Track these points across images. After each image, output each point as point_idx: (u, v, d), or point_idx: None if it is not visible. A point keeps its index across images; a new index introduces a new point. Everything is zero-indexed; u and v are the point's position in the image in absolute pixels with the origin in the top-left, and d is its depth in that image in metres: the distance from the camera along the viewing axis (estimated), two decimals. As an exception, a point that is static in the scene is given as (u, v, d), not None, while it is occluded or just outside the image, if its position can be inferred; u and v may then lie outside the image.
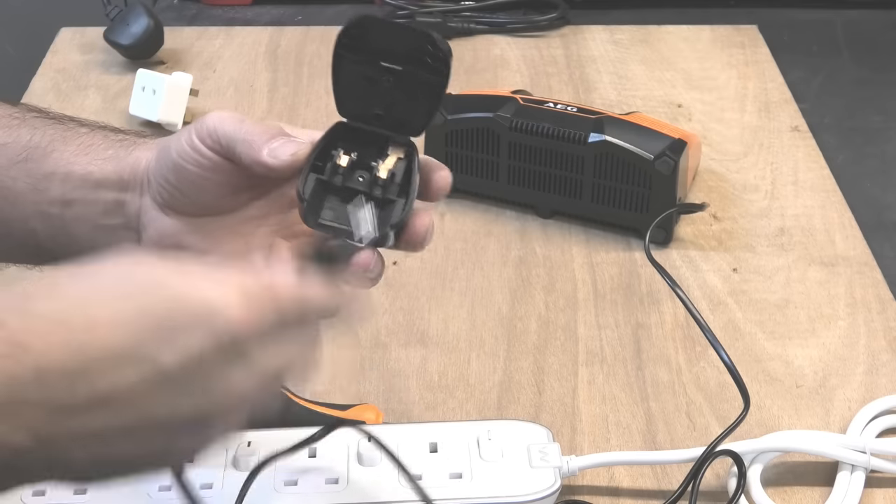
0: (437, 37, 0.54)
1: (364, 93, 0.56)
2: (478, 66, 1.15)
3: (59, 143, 0.62)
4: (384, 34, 0.55)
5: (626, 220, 0.90)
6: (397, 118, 0.56)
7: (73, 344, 0.42)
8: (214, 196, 0.59)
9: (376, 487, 0.64)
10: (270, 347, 0.46)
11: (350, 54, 0.56)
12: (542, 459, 0.66)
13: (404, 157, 0.56)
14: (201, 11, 1.27)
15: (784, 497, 0.68)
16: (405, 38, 0.54)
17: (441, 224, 0.93)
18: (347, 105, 0.57)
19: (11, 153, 0.61)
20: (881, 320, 0.83)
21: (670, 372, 0.78)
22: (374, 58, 0.55)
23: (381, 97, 0.56)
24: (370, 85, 0.56)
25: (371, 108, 0.57)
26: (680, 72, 1.14)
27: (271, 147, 0.56)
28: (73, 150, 0.61)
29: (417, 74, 0.54)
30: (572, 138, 0.88)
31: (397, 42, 0.54)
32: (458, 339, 0.81)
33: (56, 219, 0.61)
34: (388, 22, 0.55)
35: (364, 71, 0.56)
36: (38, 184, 0.61)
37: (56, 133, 0.63)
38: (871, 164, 1.02)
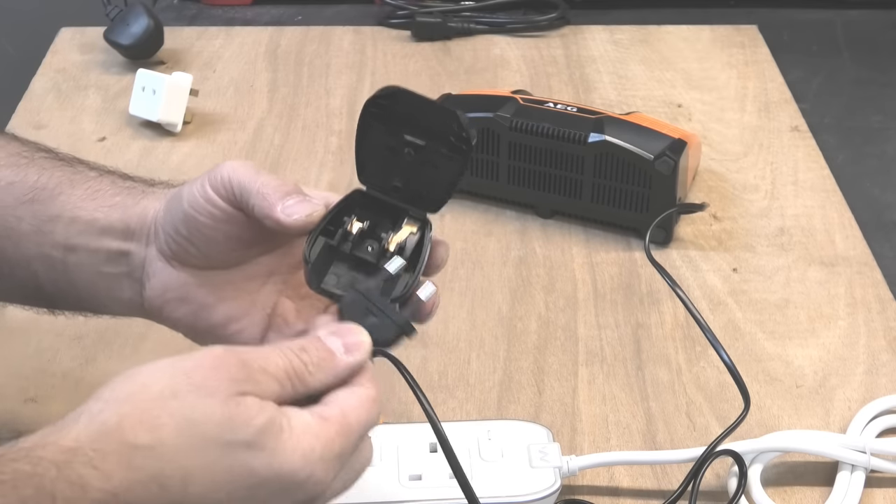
0: (464, 117, 0.54)
1: (385, 163, 0.56)
2: (478, 66, 1.15)
3: (66, 186, 0.61)
4: (412, 107, 0.55)
5: (626, 220, 0.90)
6: (416, 192, 0.56)
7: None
8: (223, 248, 0.58)
9: (376, 487, 0.64)
10: (343, 474, 0.51)
11: (377, 123, 0.56)
12: (542, 459, 0.66)
13: (417, 231, 0.56)
14: (201, 11, 1.27)
15: (784, 497, 0.68)
16: (432, 113, 0.54)
17: (441, 224, 0.93)
18: (368, 173, 0.57)
19: (18, 192, 0.61)
20: (881, 320, 0.83)
21: (670, 372, 0.78)
22: (400, 129, 0.55)
23: (401, 169, 0.56)
24: (392, 156, 0.56)
25: (391, 178, 0.57)
26: (680, 72, 1.14)
27: (286, 204, 0.55)
28: (80, 195, 0.61)
29: (440, 151, 0.55)
30: (572, 138, 0.88)
31: (424, 117, 0.55)
32: (458, 339, 0.81)
33: (58, 262, 0.60)
34: (418, 96, 0.55)
35: (388, 141, 0.56)
36: (43, 226, 0.60)
37: (64, 176, 0.62)
38: (871, 163, 1.02)
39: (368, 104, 0.56)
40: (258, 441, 0.47)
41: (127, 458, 0.44)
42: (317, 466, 0.48)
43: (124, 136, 1.03)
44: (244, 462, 0.46)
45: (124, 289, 0.60)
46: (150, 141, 1.02)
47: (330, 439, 0.49)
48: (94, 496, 0.43)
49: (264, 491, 0.47)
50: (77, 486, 0.43)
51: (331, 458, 0.49)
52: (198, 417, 0.46)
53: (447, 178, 0.56)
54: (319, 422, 0.49)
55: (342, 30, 1.22)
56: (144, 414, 0.45)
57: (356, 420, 0.51)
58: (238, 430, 0.46)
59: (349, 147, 1.04)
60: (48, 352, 0.79)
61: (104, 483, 0.43)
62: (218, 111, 1.07)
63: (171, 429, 0.45)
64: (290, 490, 0.48)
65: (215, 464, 0.46)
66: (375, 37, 1.21)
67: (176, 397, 0.46)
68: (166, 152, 1.00)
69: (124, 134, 1.03)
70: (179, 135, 1.03)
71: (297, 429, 0.48)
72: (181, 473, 0.45)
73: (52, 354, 0.78)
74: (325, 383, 0.51)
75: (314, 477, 0.48)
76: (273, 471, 0.47)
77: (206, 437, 0.46)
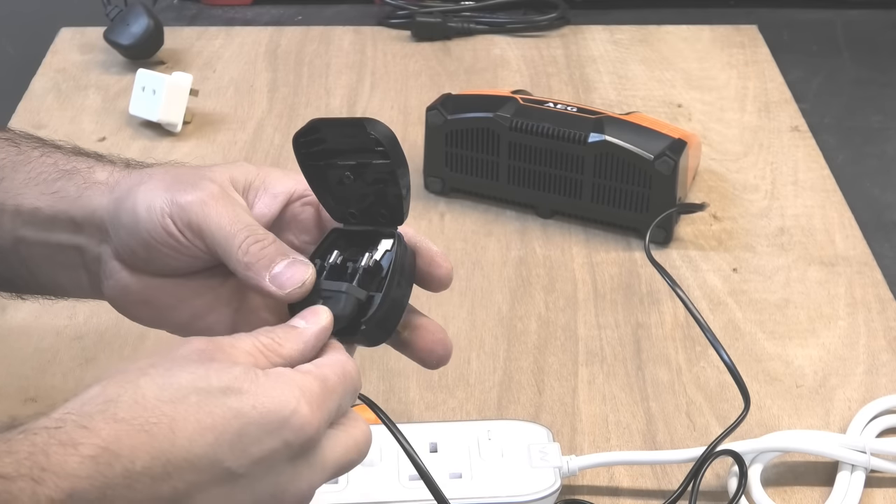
0: (372, 121, 0.52)
1: (340, 193, 0.56)
2: (478, 66, 1.15)
3: (8, 170, 0.59)
4: (333, 132, 0.54)
5: (626, 220, 0.90)
6: (374, 211, 0.55)
7: (156, 452, 0.45)
8: (185, 267, 0.57)
9: (376, 487, 0.64)
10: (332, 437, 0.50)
11: (311, 160, 0.55)
12: (542, 459, 0.66)
13: (392, 247, 0.55)
14: (201, 11, 1.27)
15: (784, 497, 0.68)
16: (349, 131, 0.53)
17: (441, 224, 0.93)
18: (331, 208, 0.57)
19: None
20: (881, 320, 0.83)
21: (670, 372, 0.78)
22: (332, 158, 0.54)
23: (352, 194, 0.55)
24: (340, 185, 0.55)
25: (349, 206, 0.56)
26: (680, 72, 1.14)
27: (273, 274, 0.54)
28: (21, 179, 0.59)
29: (371, 163, 0.54)
30: (572, 138, 0.88)
31: (344, 137, 0.54)
32: (458, 339, 0.81)
33: (10, 253, 0.59)
34: (333, 120, 0.54)
35: (328, 174, 0.55)
36: None
37: (7, 158, 0.60)
38: (870, 164, 1.02)
39: (296, 146, 0.55)
40: (236, 385, 0.47)
41: (111, 413, 0.45)
42: (300, 403, 0.48)
43: (124, 136, 1.03)
44: (226, 404, 0.46)
45: (83, 279, 0.60)
46: (150, 141, 1.02)
47: (309, 383, 0.49)
48: (84, 452, 0.44)
49: (253, 430, 0.47)
50: (68, 445, 0.44)
51: (313, 398, 0.48)
52: (174, 374, 0.47)
53: (390, 185, 0.54)
54: (295, 372, 0.50)
55: (342, 30, 1.22)
56: (123, 378, 0.47)
57: (332, 373, 0.51)
58: (214, 379, 0.47)
59: (349, 147, 1.04)
60: (48, 352, 0.79)
61: (93, 438, 0.44)
62: (218, 111, 1.07)
63: (151, 386, 0.46)
64: (278, 429, 0.47)
65: (198, 409, 0.46)
66: (375, 37, 1.21)
67: (152, 366, 0.48)
68: (166, 152, 1.00)
69: (124, 134, 1.03)
70: (179, 135, 1.03)
71: (272, 374, 0.49)
72: (166, 420, 0.45)
73: (52, 354, 0.78)
74: (296, 352, 0.51)
75: (299, 413, 0.47)
76: (257, 410, 0.47)
77: (185, 387, 0.46)
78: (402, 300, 0.56)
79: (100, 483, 0.43)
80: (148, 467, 0.44)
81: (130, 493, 0.44)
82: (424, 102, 0.97)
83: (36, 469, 0.43)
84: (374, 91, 1.11)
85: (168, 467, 0.45)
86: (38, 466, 0.43)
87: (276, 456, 0.47)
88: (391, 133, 0.53)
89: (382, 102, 1.09)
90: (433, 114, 0.93)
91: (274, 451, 0.47)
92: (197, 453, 0.45)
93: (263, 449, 0.47)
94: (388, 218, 0.56)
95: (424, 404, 0.75)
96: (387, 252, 0.55)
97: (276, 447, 0.47)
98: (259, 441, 0.47)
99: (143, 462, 0.44)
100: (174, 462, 0.45)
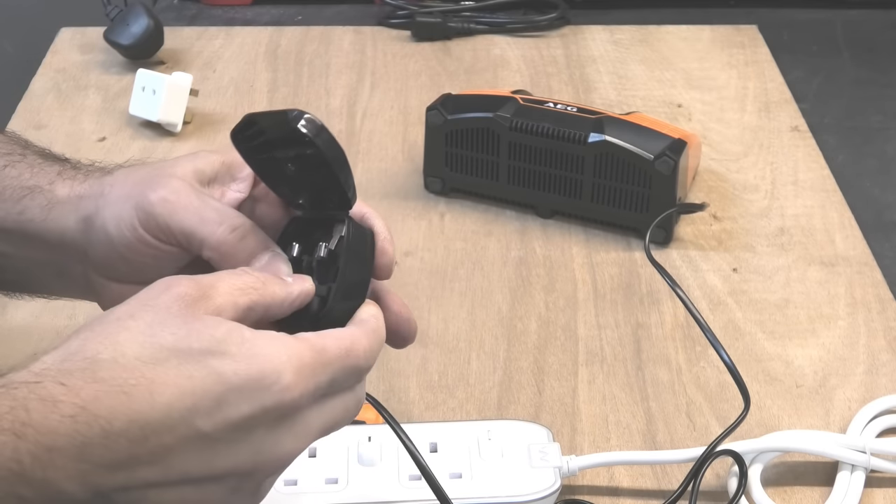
0: (293, 112, 0.51)
1: (288, 183, 0.56)
2: (478, 66, 1.15)
3: None
4: (267, 126, 0.53)
5: (626, 220, 0.90)
6: (324, 198, 0.55)
7: (134, 415, 0.45)
8: (172, 268, 0.56)
9: (376, 487, 0.64)
10: (317, 408, 0.49)
11: (252, 155, 0.55)
12: (542, 459, 0.66)
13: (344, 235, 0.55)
14: (201, 11, 1.27)
15: (784, 497, 0.68)
16: (278, 122, 0.52)
17: (441, 224, 0.93)
18: (285, 197, 0.57)
19: None
20: (881, 320, 0.83)
21: (670, 372, 0.78)
22: (270, 151, 0.54)
23: (299, 184, 0.55)
24: (286, 175, 0.55)
25: (298, 196, 0.56)
26: (680, 72, 1.14)
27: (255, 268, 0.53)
28: None
29: (304, 152, 0.53)
30: (572, 138, 0.88)
31: (276, 129, 0.53)
32: (458, 339, 0.81)
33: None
34: (265, 113, 0.53)
35: (272, 166, 0.55)
36: None
37: None
38: (870, 164, 1.02)
39: (235, 141, 0.54)
40: (219, 348, 0.46)
41: (91, 372, 0.45)
42: (285, 370, 0.47)
43: (124, 136, 1.03)
44: (208, 367, 0.46)
45: (74, 286, 0.59)
46: (150, 141, 1.02)
47: (300, 350, 0.48)
48: (63, 410, 0.44)
49: (232, 396, 0.46)
50: (48, 401, 0.44)
51: (301, 367, 0.48)
52: (156, 331, 0.46)
53: (327, 170, 0.53)
54: (289, 337, 0.49)
55: (342, 30, 1.22)
56: (104, 333, 0.46)
57: (335, 346, 0.50)
58: (196, 340, 0.46)
59: (349, 147, 1.05)
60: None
61: (72, 397, 0.44)
62: (218, 111, 1.07)
63: (131, 343, 0.46)
64: (258, 395, 0.46)
65: (178, 372, 0.46)
66: (375, 37, 1.21)
67: (133, 318, 0.47)
68: (166, 152, 1.00)
69: (124, 134, 1.03)
70: (179, 135, 1.03)
71: (261, 337, 0.48)
72: (145, 383, 0.45)
73: (52, 354, 0.78)
74: (277, 296, 0.51)
75: (283, 381, 0.47)
76: (239, 375, 0.46)
77: (166, 348, 0.46)
78: (359, 286, 0.55)
79: (78, 442, 0.43)
80: (125, 429, 0.44)
81: (108, 453, 0.44)
82: (424, 102, 0.97)
83: (17, 424, 0.43)
84: (374, 91, 1.11)
85: (145, 430, 0.45)
86: (18, 421, 0.43)
87: (254, 422, 0.47)
88: (315, 121, 0.52)
89: (382, 102, 1.09)
90: (433, 114, 0.93)
91: (252, 417, 0.47)
92: (175, 417, 0.45)
93: (242, 414, 0.46)
94: (336, 203, 0.55)
95: (424, 404, 0.75)
96: (341, 238, 0.55)
97: (254, 413, 0.46)
98: (237, 406, 0.46)
99: (120, 424, 0.44)
100: (152, 425, 0.45)
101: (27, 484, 0.43)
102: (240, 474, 0.48)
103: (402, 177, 0.98)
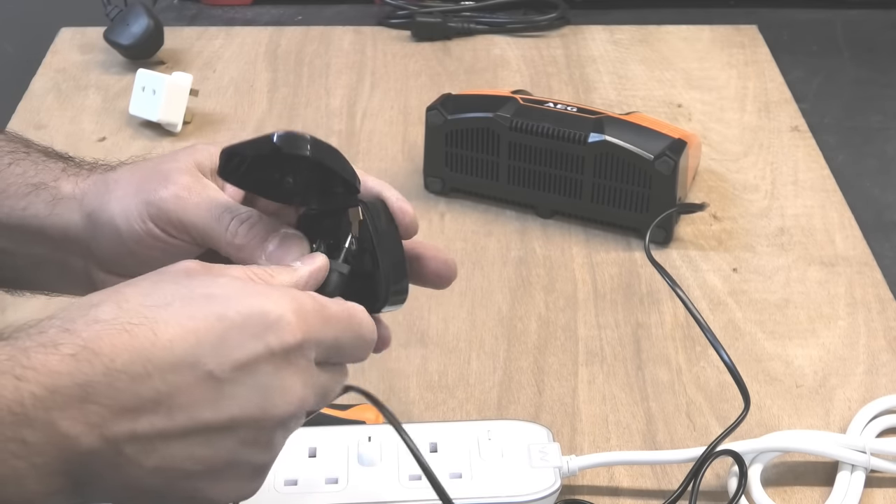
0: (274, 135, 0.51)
1: (291, 194, 0.55)
2: (478, 66, 1.15)
3: None
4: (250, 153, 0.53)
5: (626, 220, 0.90)
6: (330, 192, 0.55)
7: (137, 351, 0.45)
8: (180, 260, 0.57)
9: (376, 487, 0.64)
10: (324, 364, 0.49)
11: (247, 182, 0.55)
12: (542, 459, 0.66)
13: (363, 218, 0.55)
14: (201, 11, 1.27)
15: (784, 497, 0.68)
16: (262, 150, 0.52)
17: (441, 224, 0.93)
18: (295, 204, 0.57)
19: None
20: (881, 320, 0.83)
21: (670, 372, 0.78)
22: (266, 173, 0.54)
23: (302, 190, 0.55)
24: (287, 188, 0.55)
25: (306, 201, 0.56)
26: (680, 72, 1.14)
27: (269, 252, 0.54)
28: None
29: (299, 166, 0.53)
30: (572, 138, 0.88)
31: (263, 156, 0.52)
32: (458, 339, 0.81)
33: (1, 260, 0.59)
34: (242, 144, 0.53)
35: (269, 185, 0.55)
36: None
37: None
38: (870, 164, 1.02)
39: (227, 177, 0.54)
40: (220, 292, 0.47)
41: (93, 316, 0.45)
42: (286, 311, 0.47)
43: (124, 136, 1.03)
44: (209, 308, 0.46)
45: (77, 284, 0.59)
46: (150, 141, 1.02)
47: (302, 297, 0.48)
48: (65, 351, 0.44)
49: (235, 334, 0.46)
50: (49, 346, 0.44)
51: (303, 311, 0.48)
52: (159, 285, 0.47)
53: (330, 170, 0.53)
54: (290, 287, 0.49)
55: (342, 30, 1.22)
56: (110, 290, 0.47)
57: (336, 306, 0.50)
58: (199, 287, 0.47)
59: (349, 147, 1.05)
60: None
61: (74, 339, 0.44)
62: (218, 111, 1.07)
63: (135, 293, 0.47)
64: (261, 333, 0.46)
65: (181, 312, 0.46)
66: (375, 37, 1.21)
67: (141, 280, 0.48)
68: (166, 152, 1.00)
69: (124, 134, 1.03)
70: (179, 135, 1.03)
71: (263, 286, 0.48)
72: (148, 322, 0.45)
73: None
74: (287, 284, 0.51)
75: (284, 320, 0.47)
76: (240, 314, 0.46)
77: (169, 294, 0.46)
78: (397, 255, 0.55)
79: (80, 380, 0.43)
80: (128, 365, 0.44)
81: (111, 392, 0.44)
82: (424, 102, 0.97)
83: (17, 367, 0.43)
84: (374, 91, 1.11)
85: (148, 366, 0.44)
86: (19, 365, 0.43)
87: (258, 361, 0.46)
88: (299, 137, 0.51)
89: (382, 102, 1.09)
90: (433, 114, 0.93)
91: (257, 357, 0.46)
92: (178, 354, 0.45)
93: (246, 353, 0.46)
94: (343, 191, 0.55)
95: (424, 404, 0.75)
96: (361, 222, 0.55)
97: (258, 352, 0.46)
98: (241, 345, 0.46)
99: (122, 360, 0.44)
100: (154, 362, 0.45)
101: (30, 426, 0.43)
102: (248, 422, 0.47)
103: (402, 177, 0.98)
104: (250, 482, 0.49)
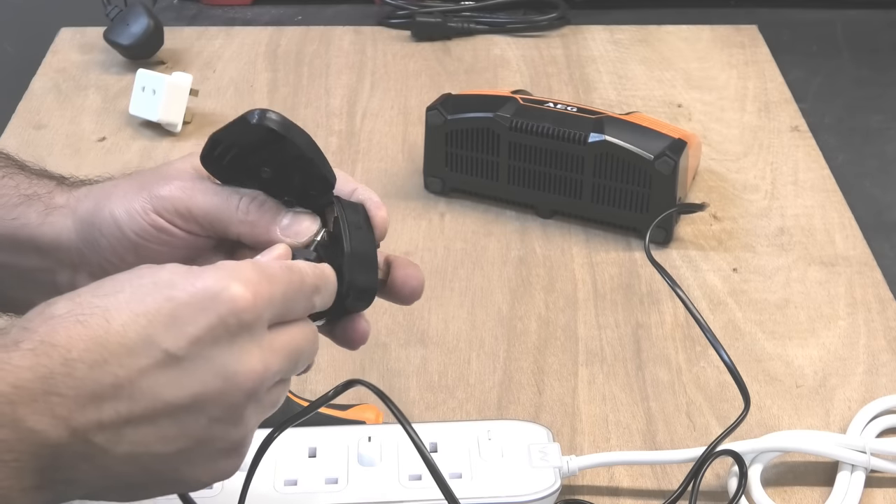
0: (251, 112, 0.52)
1: (270, 186, 0.56)
2: (478, 66, 1.15)
3: None
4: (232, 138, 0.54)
5: (626, 220, 0.90)
6: (308, 187, 0.56)
7: (91, 339, 0.45)
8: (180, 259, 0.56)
9: (376, 487, 0.64)
10: (279, 326, 0.50)
11: (225, 174, 0.56)
12: (542, 459, 0.66)
13: (337, 215, 0.56)
14: (201, 11, 1.27)
15: (784, 497, 0.68)
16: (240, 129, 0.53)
17: (441, 224, 0.93)
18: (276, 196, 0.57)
19: None
20: (881, 320, 0.83)
21: (670, 372, 0.78)
22: (245, 161, 0.55)
23: (281, 183, 0.55)
24: (264, 181, 0.55)
25: (284, 194, 0.56)
26: (680, 72, 1.14)
27: (283, 225, 0.55)
28: None
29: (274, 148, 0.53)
30: (572, 138, 0.88)
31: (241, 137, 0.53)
32: (458, 339, 0.81)
33: None
34: (225, 128, 0.54)
35: (247, 177, 0.55)
36: None
37: None
38: (871, 164, 1.02)
39: (208, 166, 0.55)
40: (167, 277, 0.48)
41: (48, 313, 0.46)
42: (230, 281, 0.47)
43: (124, 136, 1.03)
44: (158, 292, 0.47)
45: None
46: (150, 141, 1.02)
47: (242, 267, 0.49)
48: (25, 346, 0.45)
49: (185, 310, 0.47)
50: (11, 345, 0.45)
51: (248, 280, 0.48)
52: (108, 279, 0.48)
53: (304, 157, 0.54)
54: (231, 261, 0.50)
55: (342, 30, 1.22)
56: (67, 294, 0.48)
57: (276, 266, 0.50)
58: (147, 276, 0.48)
59: (349, 147, 1.05)
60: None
61: (31, 335, 0.45)
62: (218, 111, 1.07)
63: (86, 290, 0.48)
64: (211, 305, 0.47)
65: (130, 298, 0.47)
66: (375, 37, 1.21)
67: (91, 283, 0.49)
68: (166, 152, 1.00)
69: (124, 134, 1.03)
70: (179, 135, 1.03)
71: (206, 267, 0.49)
72: (100, 311, 0.46)
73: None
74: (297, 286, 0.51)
75: (231, 290, 0.47)
76: (187, 291, 0.47)
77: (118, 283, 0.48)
78: (368, 255, 0.56)
79: (41, 373, 0.44)
80: (84, 354, 0.45)
81: (71, 381, 0.45)
82: (424, 102, 0.97)
83: None
84: (374, 91, 1.11)
85: (104, 353, 0.45)
86: None
87: (213, 333, 0.47)
88: (275, 114, 0.52)
89: (382, 102, 1.09)
90: (433, 114, 0.93)
91: (210, 328, 0.47)
92: (132, 337, 0.46)
93: (199, 327, 0.47)
94: (320, 188, 0.56)
95: (424, 404, 0.75)
96: (335, 219, 0.56)
97: (211, 323, 0.47)
98: (193, 320, 0.47)
99: (78, 349, 0.45)
100: (109, 348, 0.45)
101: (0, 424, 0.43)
102: (213, 396, 0.47)
103: (402, 177, 0.98)
104: (227, 460, 0.49)
